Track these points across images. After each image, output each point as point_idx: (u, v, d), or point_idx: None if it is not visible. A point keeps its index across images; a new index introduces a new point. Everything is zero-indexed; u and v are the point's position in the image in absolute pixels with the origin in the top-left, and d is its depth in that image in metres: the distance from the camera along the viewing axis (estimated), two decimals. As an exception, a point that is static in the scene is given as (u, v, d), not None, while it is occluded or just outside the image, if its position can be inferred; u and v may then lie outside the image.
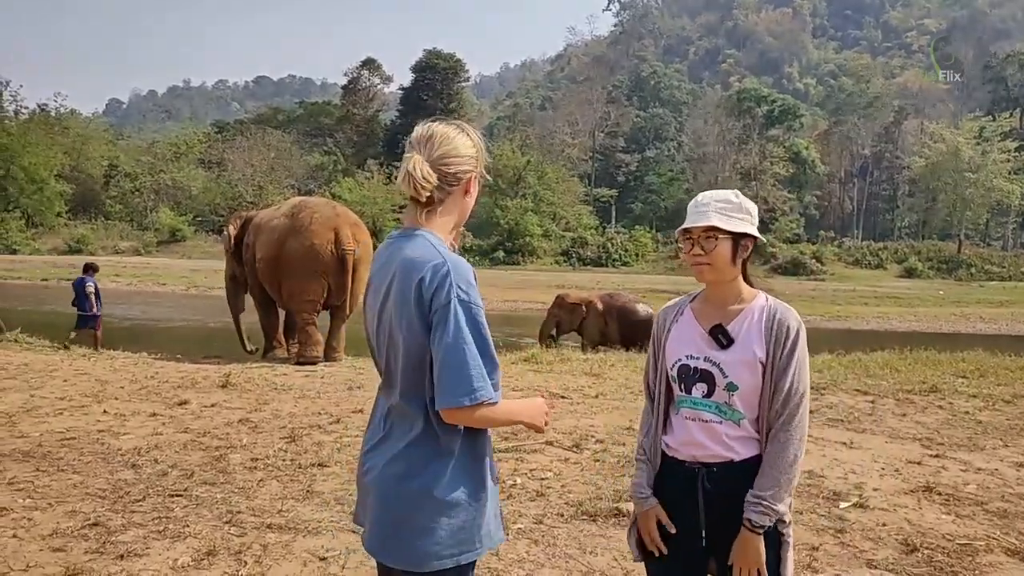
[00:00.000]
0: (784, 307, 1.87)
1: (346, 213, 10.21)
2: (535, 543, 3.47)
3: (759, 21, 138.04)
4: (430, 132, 1.74)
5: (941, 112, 74.37)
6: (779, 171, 57.74)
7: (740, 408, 1.83)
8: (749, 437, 1.85)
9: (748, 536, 1.80)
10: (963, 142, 52.61)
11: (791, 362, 1.80)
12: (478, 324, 1.62)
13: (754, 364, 1.82)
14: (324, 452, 4.79)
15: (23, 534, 3.38)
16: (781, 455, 1.79)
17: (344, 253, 9.40)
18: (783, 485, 1.80)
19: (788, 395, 1.80)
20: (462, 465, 1.67)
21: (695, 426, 1.87)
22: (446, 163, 1.72)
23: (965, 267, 48.85)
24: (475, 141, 1.77)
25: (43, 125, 51.27)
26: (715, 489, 1.84)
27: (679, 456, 1.90)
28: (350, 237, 9.55)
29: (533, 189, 51.41)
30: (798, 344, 1.82)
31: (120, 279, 31.50)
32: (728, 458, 1.84)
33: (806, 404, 1.83)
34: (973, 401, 6.90)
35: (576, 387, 7.35)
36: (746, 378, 1.82)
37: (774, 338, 1.81)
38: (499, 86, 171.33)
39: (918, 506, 4.08)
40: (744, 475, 1.83)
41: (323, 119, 67.18)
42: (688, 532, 1.87)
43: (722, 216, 1.82)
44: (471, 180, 1.78)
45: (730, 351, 1.84)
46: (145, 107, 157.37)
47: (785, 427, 1.80)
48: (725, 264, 1.84)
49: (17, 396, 6.23)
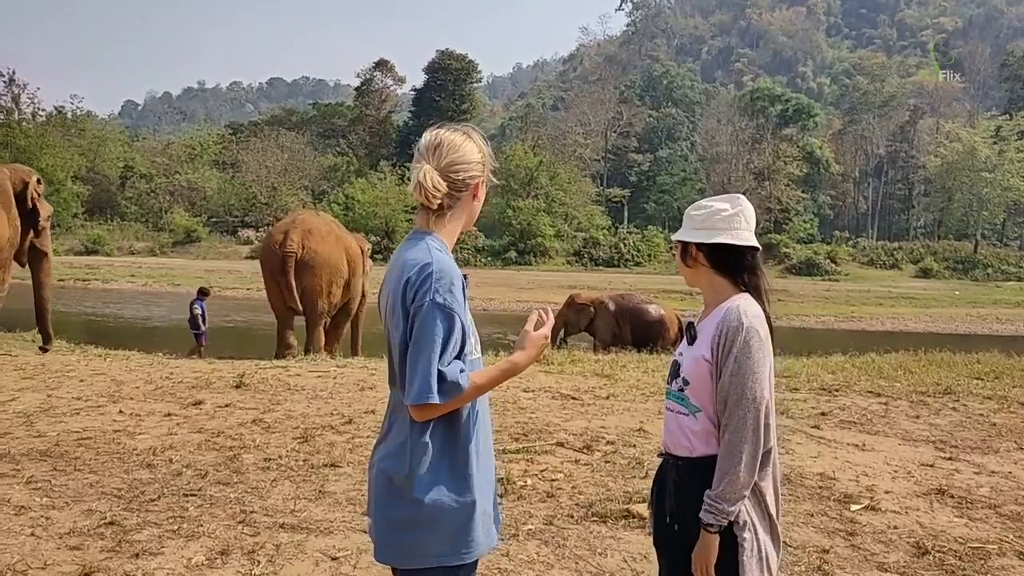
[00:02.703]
0: (740, 311, 1.88)
1: (306, 221, 10.95)
2: (545, 544, 3.49)
3: (772, 20, 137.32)
4: (438, 140, 1.79)
5: (957, 111, 73.69)
6: (793, 171, 57.34)
7: (693, 402, 1.93)
8: (707, 433, 1.91)
9: (701, 533, 1.87)
10: (980, 141, 52.12)
11: (736, 363, 1.84)
12: (450, 328, 1.66)
13: (700, 361, 1.91)
14: (336, 452, 4.82)
15: (41, 532, 3.43)
16: (727, 456, 1.84)
17: (284, 255, 10.20)
18: (729, 485, 1.82)
19: (729, 396, 1.84)
20: (442, 464, 1.71)
21: (670, 416, 2.01)
22: (455, 170, 1.78)
23: (981, 267, 48.38)
24: (481, 146, 1.82)
25: (60, 127, 51.66)
26: (679, 481, 1.94)
27: (663, 447, 2.06)
28: (294, 241, 10.31)
29: (545, 189, 51.36)
30: (745, 347, 1.84)
31: (136, 280, 31.80)
32: (688, 451, 1.94)
33: (757, 408, 1.82)
34: (988, 403, 6.85)
35: (587, 388, 7.35)
36: (695, 374, 1.92)
37: (721, 338, 1.88)
38: (511, 86, 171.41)
39: (930, 509, 4.07)
40: (703, 472, 1.89)
41: (336, 120, 67.42)
42: (667, 521, 1.99)
43: (691, 230, 1.98)
44: (479, 185, 1.83)
45: (691, 348, 1.97)
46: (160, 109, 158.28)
47: (731, 429, 1.84)
48: (701, 271, 1.99)
49: (34, 396, 6.31)
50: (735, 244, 1.95)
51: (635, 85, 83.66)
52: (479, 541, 1.74)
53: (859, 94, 71.09)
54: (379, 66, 66.38)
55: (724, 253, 1.96)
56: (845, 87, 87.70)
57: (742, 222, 1.97)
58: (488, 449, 1.84)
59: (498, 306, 26.44)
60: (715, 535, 1.84)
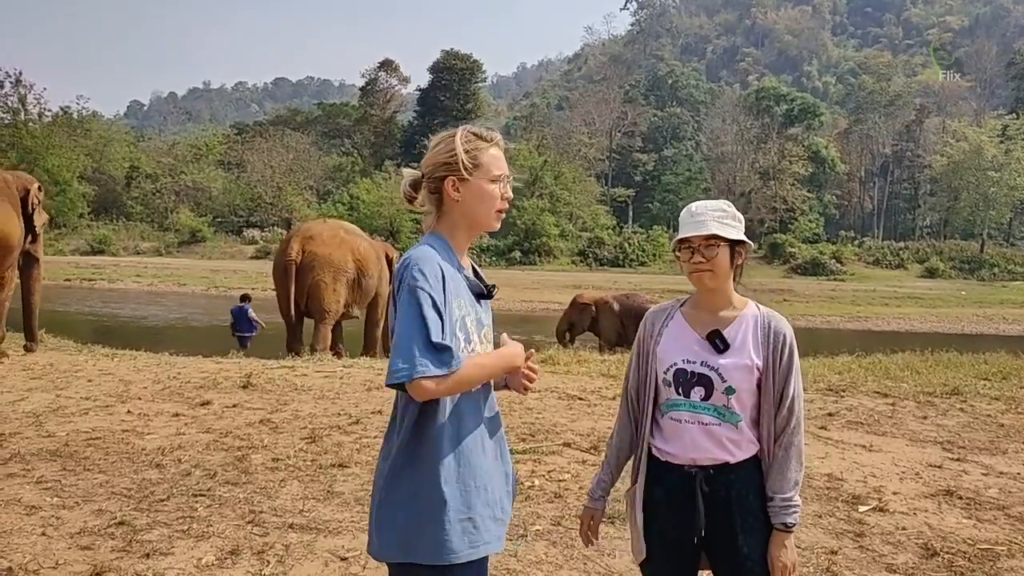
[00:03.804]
0: (777, 316, 1.96)
1: (309, 229, 11.58)
2: (553, 545, 3.50)
3: (778, 19, 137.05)
4: (431, 143, 1.87)
5: (963, 110, 73.41)
6: (798, 170, 57.24)
7: (737, 411, 1.90)
8: (746, 439, 1.91)
9: (782, 536, 1.88)
10: (986, 140, 51.96)
11: (791, 368, 1.90)
12: (419, 307, 1.64)
13: (751, 369, 1.89)
14: (344, 453, 4.84)
15: (51, 532, 3.45)
16: (796, 457, 1.89)
17: (285, 262, 10.82)
18: (799, 483, 1.91)
19: (793, 400, 1.90)
20: (407, 461, 1.72)
21: (695, 429, 1.91)
22: (428, 172, 1.83)
23: (988, 267, 48.22)
24: (454, 146, 1.80)
25: (66, 127, 51.85)
26: (712, 490, 1.89)
27: (675, 460, 1.93)
28: (294, 248, 10.91)
29: (550, 189, 51.38)
30: (794, 351, 1.92)
31: (141, 279, 31.91)
32: (725, 460, 1.90)
33: (802, 406, 1.94)
34: (995, 404, 6.83)
35: (593, 388, 7.35)
36: (743, 382, 1.89)
37: (771, 346, 1.90)
38: (516, 86, 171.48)
39: (938, 510, 4.06)
40: (738, 476, 1.90)
41: (341, 120, 67.58)
42: (683, 534, 1.91)
43: (720, 224, 1.90)
44: (450, 183, 1.80)
45: (727, 356, 1.90)
46: (165, 109, 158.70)
47: (795, 431, 1.90)
48: (724, 270, 1.92)
49: (43, 396, 6.34)
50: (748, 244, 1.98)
51: (640, 84, 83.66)
52: (448, 547, 1.68)
53: (865, 93, 70.87)
54: (384, 66, 66.51)
55: (743, 254, 1.97)
56: (851, 86, 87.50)
57: (742, 223, 1.98)
58: (487, 454, 1.79)
59: (502, 306, 26.42)
60: (791, 533, 1.89)
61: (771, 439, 1.90)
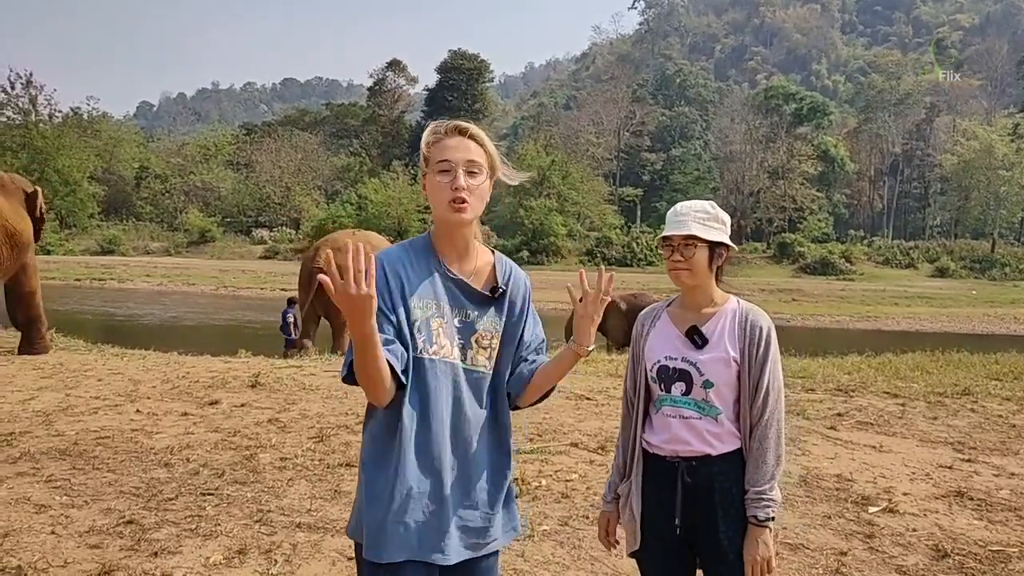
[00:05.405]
0: (755, 309, 1.99)
1: (337, 240, 11.77)
2: (560, 545, 3.49)
3: (786, 18, 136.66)
4: None
5: (974, 108, 73.04)
6: (807, 169, 57.06)
7: (717, 404, 1.93)
8: (727, 432, 1.94)
9: (756, 531, 1.88)
10: (997, 139, 51.69)
11: (767, 360, 1.92)
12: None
13: (728, 362, 1.92)
14: (351, 452, 4.84)
15: (61, 531, 3.47)
16: (770, 450, 1.90)
17: (312, 268, 11.02)
18: (776, 477, 1.90)
19: (767, 392, 1.91)
20: (364, 453, 1.75)
21: (676, 423, 1.96)
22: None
23: (999, 266, 47.88)
24: (425, 141, 1.76)
25: (76, 128, 52.19)
26: (693, 482, 1.93)
27: (660, 452, 1.98)
28: (323, 257, 10.65)
29: (557, 189, 51.32)
30: (771, 343, 1.93)
31: (151, 279, 32.06)
32: (706, 452, 1.93)
33: (782, 399, 1.94)
34: (1006, 404, 6.78)
35: (600, 388, 7.34)
36: (721, 376, 1.92)
37: (748, 338, 1.93)
38: (524, 86, 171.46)
39: (949, 511, 4.03)
40: (721, 468, 1.92)
41: (349, 120, 67.77)
42: (668, 524, 1.95)
43: (700, 225, 1.94)
44: (422, 182, 1.81)
45: (705, 351, 1.94)
46: (175, 109, 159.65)
47: (769, 423, 1.91)
48: (702, 270, 1.95)
49: (53, 396, 6.37)
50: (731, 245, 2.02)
51: (648, 84, 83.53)
52: (376, 540, 1.65)
53: (874, 92, 70.50)
54: (391, 66, 66.70)
55: (724, 255, 2.00)
56: (860, 85, 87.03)
57: (727, 225, 2.01)
58: (444, 462, 1.71)
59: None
60: (767, 528, 1.87)
61: (748, 432, 1.92)
